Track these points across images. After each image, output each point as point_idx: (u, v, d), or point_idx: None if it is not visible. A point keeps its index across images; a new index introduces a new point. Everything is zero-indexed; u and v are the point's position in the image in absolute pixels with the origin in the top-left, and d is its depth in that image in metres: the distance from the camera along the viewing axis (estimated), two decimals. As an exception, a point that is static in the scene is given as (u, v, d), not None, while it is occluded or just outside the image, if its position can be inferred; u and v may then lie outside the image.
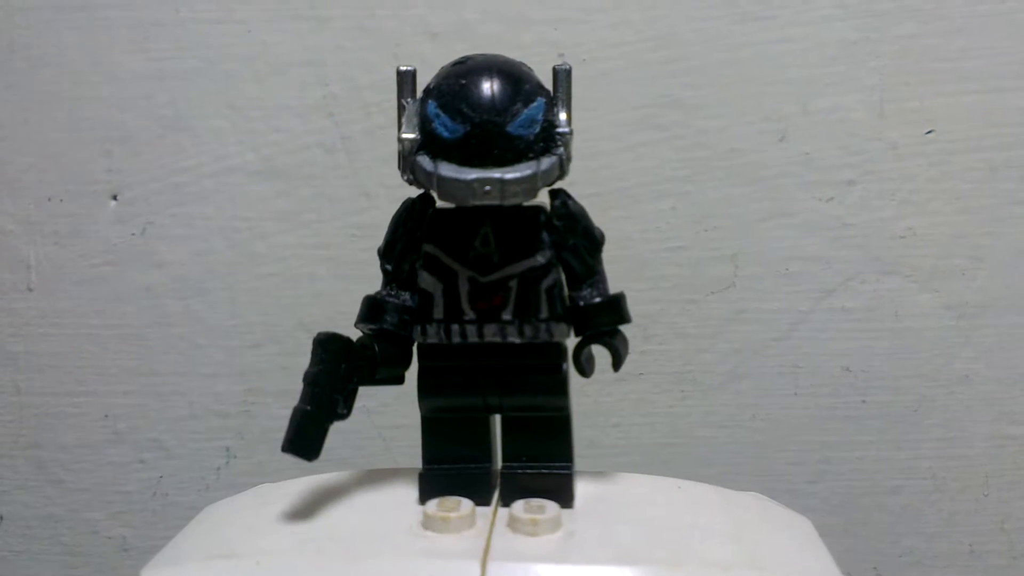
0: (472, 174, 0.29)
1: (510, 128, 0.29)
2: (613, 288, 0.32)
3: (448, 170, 0.29)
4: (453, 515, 0.29)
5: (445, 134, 0.29)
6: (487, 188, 0.29)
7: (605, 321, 0.31)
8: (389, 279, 0.31)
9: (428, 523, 0.29)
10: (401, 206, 0.31)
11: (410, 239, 0.31)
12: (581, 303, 0.31)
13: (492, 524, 0.29)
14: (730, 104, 0.41)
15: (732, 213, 0.42)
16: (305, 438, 0.28)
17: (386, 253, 0.31)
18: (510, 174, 0.29)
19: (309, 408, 0.28)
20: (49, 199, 0.44)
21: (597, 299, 0.31)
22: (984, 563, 0.45)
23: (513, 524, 0.29)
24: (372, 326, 0.31)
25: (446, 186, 0.29)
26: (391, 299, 0.31)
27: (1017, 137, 0.41)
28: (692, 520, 0.30)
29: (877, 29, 0.40)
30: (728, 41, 0.41)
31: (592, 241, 0.31)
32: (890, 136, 0.41)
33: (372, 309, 0.31)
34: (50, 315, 0.45)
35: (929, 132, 0.41)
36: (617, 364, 0.31)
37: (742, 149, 0.41)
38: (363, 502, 0.31)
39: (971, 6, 0.40)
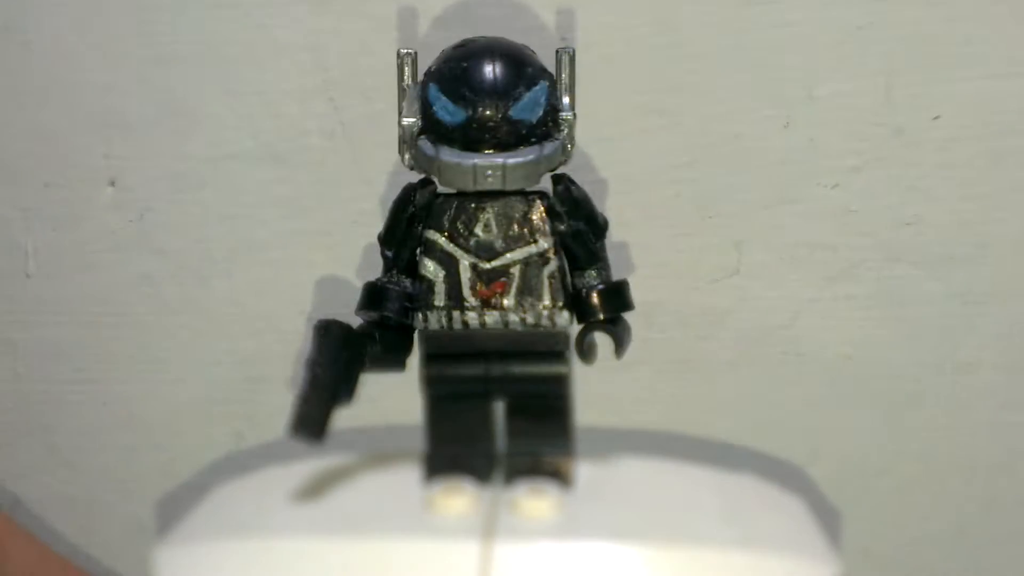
0: (474, 159, 0.29)
1: (512, 112, 0.30)
2: (616, 275, 0.32)
3: (450, 155, 0.30)
4: (455, 497, 0.30)
5: (446, 118, 0.30)
6: (489, 173, 0.30)
7: (608, 308, 0.31)
8: (390, 265, 0.31)
9: (431, 505, 0.30)
10: (401, 191, 0.31)
11: (410, 225, 0.31)
12: (583, 290, 0.31)
13: (494, 506, 0.30)
14: (734, 90, 0.41)
15: (736, 199, 0.42)
16: (310, 422, 0.28)
17: (386, 239, 0.31)
18: (512, 159, 0.30)
19: (312, 393, 0.28)
20: (46, 185, 0.44)
21: (600, 286, 0.31)
22: (973, 544, 0.45)
23: (515, 506, 0.30)
24: (373, 313, 0.31)
25: (448, 171, 0.30)
26: (392, 286, 0.31)
27: (1021, 123, 0.41)
28: (689, 501, 0.31)
29: (883, 14, 0.40)
30: (732, 26, 0.41)
31: (595, 227, 0.32)
32: (896, 122, 0.41)
33: (373, 296, 0.31)
34: (49, 302, 0.45)
35: (936, 118, 0.41)
36: (619, 351, 0.32)
37: (746, 135, 0.42)
38: (368, 484, 0.32)
39: (978, -10, 0.40)
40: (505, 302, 0.30)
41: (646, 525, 0.29)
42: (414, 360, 0.32)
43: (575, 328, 0.32)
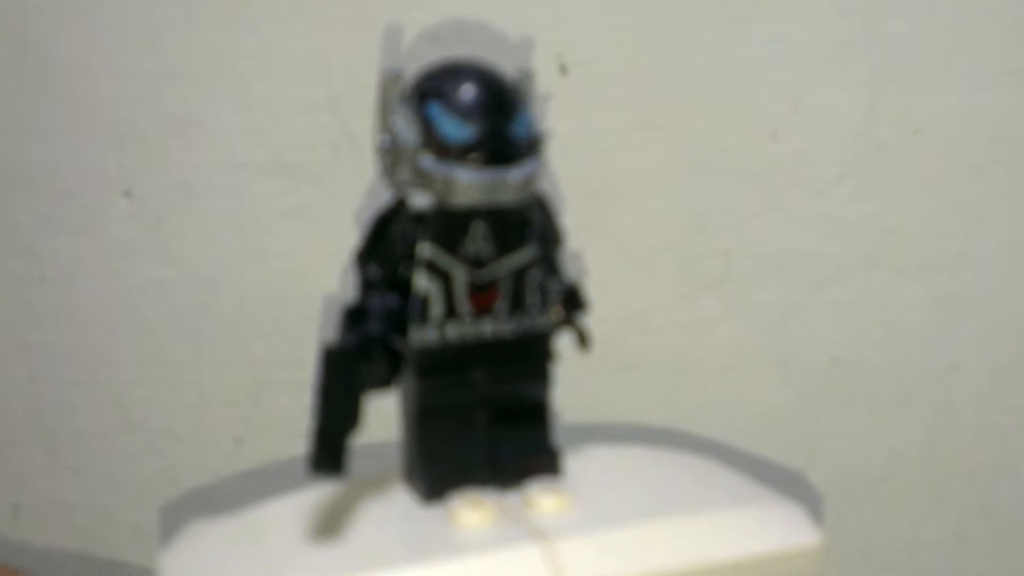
0: (486, 175, 0.31)
1: (513, 129, 0.32)
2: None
3: (462, 172, 0.31)
4: (476, 509, 0.31)
5: (452, 136, 0.31)
6: (500, 188, 0.32)
7: (570, 308, 0.34)
8: (372, 284, 0.33)
9: (458, 520, 0.31)
10: (380, 211, 0.33)
11: (396, 242, 0.33)
12: (547, 293, 0.34)
13: (513, 510, 0.32)
14: (722, 104, 0.43)
15: (725, 209, 0.44)
16: (332, 456, 0.29)
17: (368, 258, 0.33)
18: (517, 173, 0.32)
19: (328, 426, 0.29)
20: (63, 194, 0.45)
21: (562, 290, 0.34)
22: (971, 548, 0.47)
23: (534, 506, 0.32)
24: (358, 335, 0.32)
25: (461, 188, 0.31)
26: (375, 305, 0.32)
27: (1003, 135, 0.43)
28: (670, 475, 0.34)
29: (865, 30, 0.42)
30: (720, 43, 0.43)
31: (559, 236, 0.34)
32: (879, 134, 0.43)
33: (357, 318, 0.32)
34: (64, 307, 0.46)
35: (917, 131, 0.43)
36: (584, 344, 0.34)
37: (734, 147, 0.43)
38: (369, 512, 0.33)
39: (960, 6, 0.42)
40: (499, 309, 0.33)
41: (660, 500, 0.32)
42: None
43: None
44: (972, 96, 0.43)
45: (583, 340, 0.34)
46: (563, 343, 0.35)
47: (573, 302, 0.34)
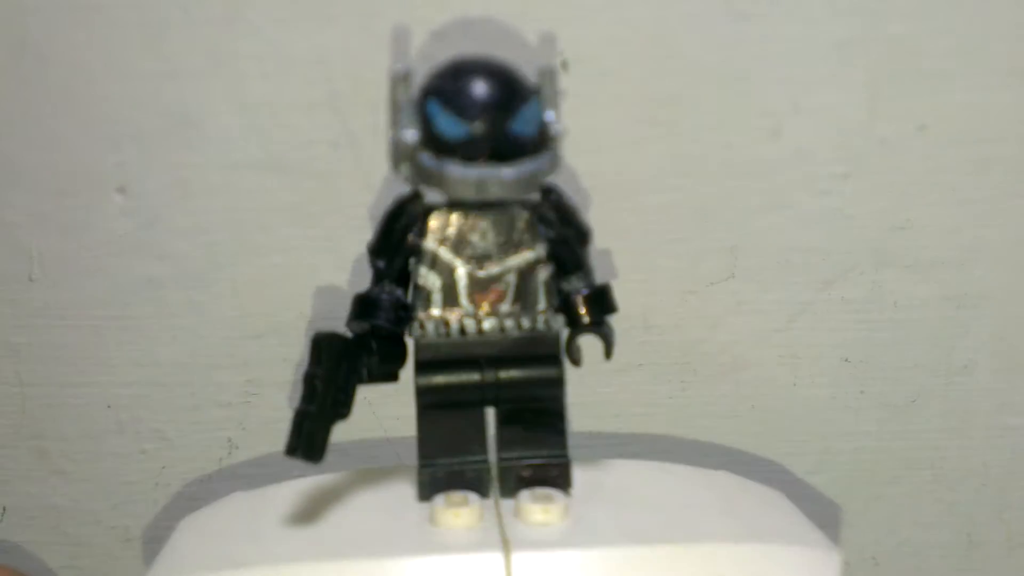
0: (477, 171, 0.32)
1: (512, 126, 0.32)
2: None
3: (453, 168, 0.32)
4: (462, 510, 0.31)
5: (448, 133, 0.32)
6: (492, 185, 0.32)
7: (594, 311, 0.34)
8: (381, 276, 0.33)
9: (438, 519, 0.31)
10: (394, 203, 0.34)
11: (404, 235, 0.33)
12: (571, 295, 0.34)
13: (500, 516, 0.32)
14: (724, 101, 0.43)
15: (730, 206, 0.44)
16: (310, 441, 0.29)
17: (378, 250, 0.33)
18: (513, 171, 0.32)
19: (311, 410, 0.30)
20: (57, 192, 0.45)
21: (586, 290, 0.34)
22: (983, 553, 0.47)
23: (522, 514, 0.32)
24: (365, 324, 0.33)
25: (452, 184, 0.32)
26: (384, 296, 0.33)
27: (1007, 132, 0.43)
28: (685, 498, 0.33)
29: (866, 29, 0.42)
30: (722, 40, 0.43)
31: (581, 234, 0.34)
32: (881, 131, 0.43)
33: (365, 307, 0.33)
34: (52, 306, 0.46)
35: (921, 127, 0.43)
36: (609, 351, 0.34)
37: (736, 145, 0.44)
38: (363, 503, 0.33)
39: (960, 5, 0.42)
40: (502, 308, 0.33)
41: (656, 525, 0.31)
42: (406, 373, 0.33)
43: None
44: (975, 94, 0.43)
45: (608, 346, 0.34)
46: (586, 344, 0.34)
47: (599, 305, 0.34)
